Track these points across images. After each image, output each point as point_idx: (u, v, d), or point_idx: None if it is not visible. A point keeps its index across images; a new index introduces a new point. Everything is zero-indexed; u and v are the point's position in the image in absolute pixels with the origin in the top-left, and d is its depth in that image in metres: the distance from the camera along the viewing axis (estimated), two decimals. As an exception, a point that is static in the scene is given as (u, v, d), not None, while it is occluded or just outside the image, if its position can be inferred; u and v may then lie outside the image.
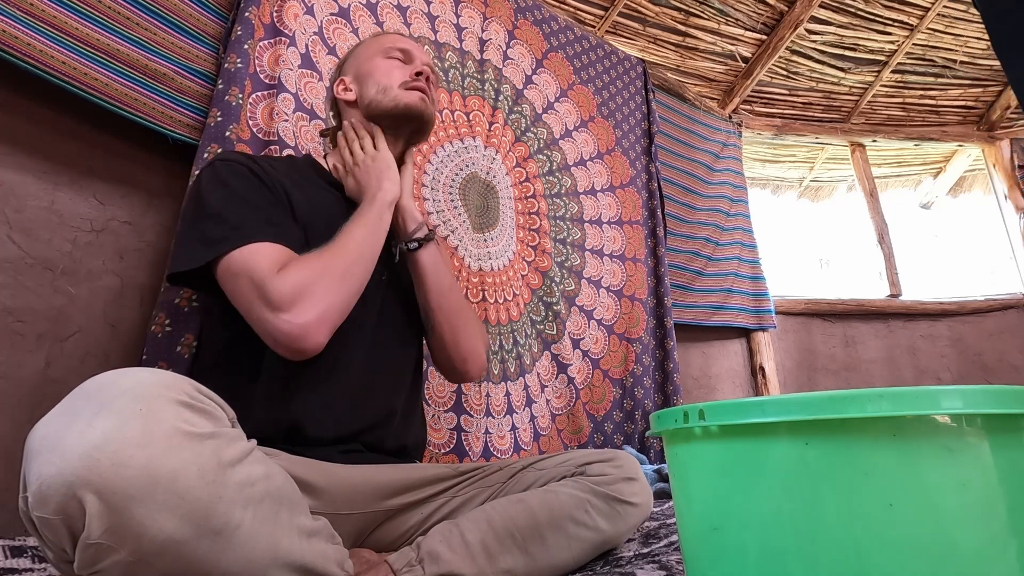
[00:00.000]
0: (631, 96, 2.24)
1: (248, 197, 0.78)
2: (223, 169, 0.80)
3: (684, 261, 2.29)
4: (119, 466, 0.44)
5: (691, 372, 2.28)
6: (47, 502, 0.44)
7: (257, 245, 0.73)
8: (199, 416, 0.51)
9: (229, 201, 0.77)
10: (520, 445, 1.51)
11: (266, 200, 0.80)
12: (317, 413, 0.78)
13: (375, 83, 0.96)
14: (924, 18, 2.83)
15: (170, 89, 1.13)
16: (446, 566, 0.65)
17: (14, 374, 0.95)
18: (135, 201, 1.14)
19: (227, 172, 0.80)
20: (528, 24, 1.95)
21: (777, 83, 2.92)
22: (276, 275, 0.71)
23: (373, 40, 1.03)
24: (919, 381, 2.74)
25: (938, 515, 0.34)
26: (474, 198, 1.63)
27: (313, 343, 0.71)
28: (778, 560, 0.38)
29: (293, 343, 0.70)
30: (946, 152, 3.38)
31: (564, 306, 1.76)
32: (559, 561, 0.74)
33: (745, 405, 0.40)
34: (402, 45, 1.00)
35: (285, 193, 0.84)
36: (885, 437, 0.36)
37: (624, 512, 0.80)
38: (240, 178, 0.80)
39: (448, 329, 0.94)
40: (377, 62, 0.97)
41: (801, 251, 6.36)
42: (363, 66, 0.98)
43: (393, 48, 0.99)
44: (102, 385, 0.49)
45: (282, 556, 0.53)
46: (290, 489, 0.58)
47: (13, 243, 0.98)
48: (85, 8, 1.03)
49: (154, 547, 0.45)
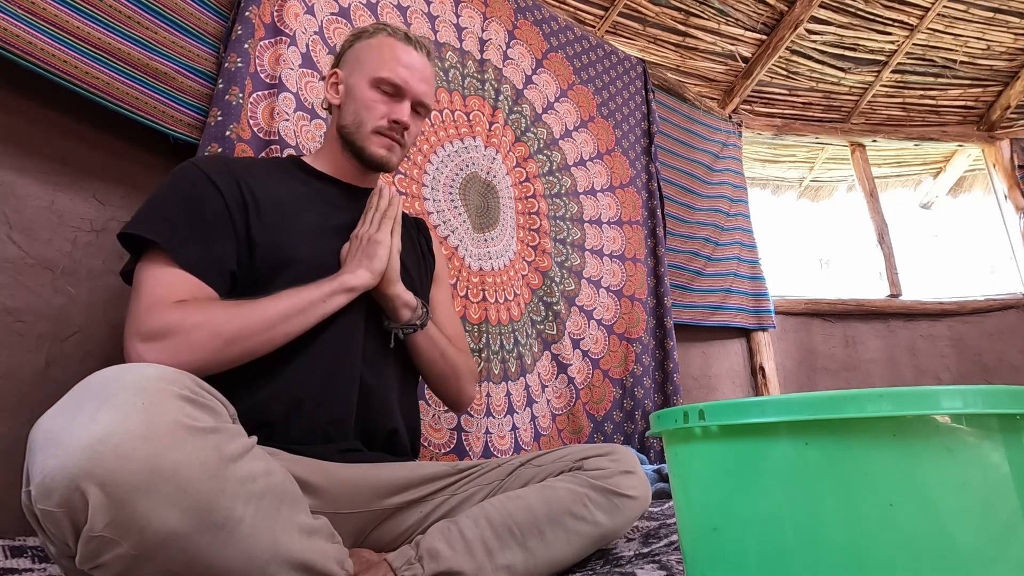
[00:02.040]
0: (631, 96, 2.24)
1: (194, 212, 0.77)
2: (189, 175, 0.81)
3: (684, 261, 2.29)
4: (122, 459, 0.44)
5: (691, 372, 2.29)
6: (50, 495, 0.44)
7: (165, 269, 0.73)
8: (201, 411, 0.51)
9: (174, 205, 0.77)
10: (521, 445, 1.51)
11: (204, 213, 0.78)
12: (288, 397, 0.78)
13: (354, 112, 0.93)
14: (924, 18, 2.83)
15: (171, 88, 1.13)
16: (445, 563, 0.66)
17: (14, 374, 0.95)
18: (135, 201, 1.13)
19: (187, 180, 0.80)
20: (528, 24, 1.95)
21: (777, 83, 2.92)
22: (165, 306, 0.70)
23: (377, 47, 0.94)
24: (919, 381, 2.74)
25: (938, 515, 0.34)
26: (474, 198, 1.63)
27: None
28: (778, 560, 0.38)
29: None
30: (946, 152, 3.38)
31: (564, 306, 1.76)
32: (558, 556, 0.74)
33: (745, 405, 0.40)
34: (400, 76, 0.92)
35: (251, 195, 0.83)
36: (885, 437, 0.36)
37: (622, 505, 0.80)
38: (196, 190, 0.79)
39: (441, 385, 1.00)
40: (364, 90, 0.92)
41: (801, 251, 6.37)
42: (353, 78, 0.94)
43: (391, 77, 0.92)
44: (105, 379, 0.50)
45: (282, 553, 0.53)
46: (291, 487, 0.58)
47: (13, 243, 0.98)
48: (87, 7, 1.03)
49: (156, 540, 0.45)
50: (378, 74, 0.92)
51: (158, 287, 0.71)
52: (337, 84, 0.96)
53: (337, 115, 0.96)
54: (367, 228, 0.88)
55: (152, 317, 0.69)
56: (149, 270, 0.73)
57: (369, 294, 0.87)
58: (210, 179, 0.80)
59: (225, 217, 0.79)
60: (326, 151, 0.98)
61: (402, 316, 0.90)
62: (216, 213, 0.79)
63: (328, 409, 0.80)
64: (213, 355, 0.70)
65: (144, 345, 0.68)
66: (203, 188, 0.79)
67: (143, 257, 0.75)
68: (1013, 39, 2.96)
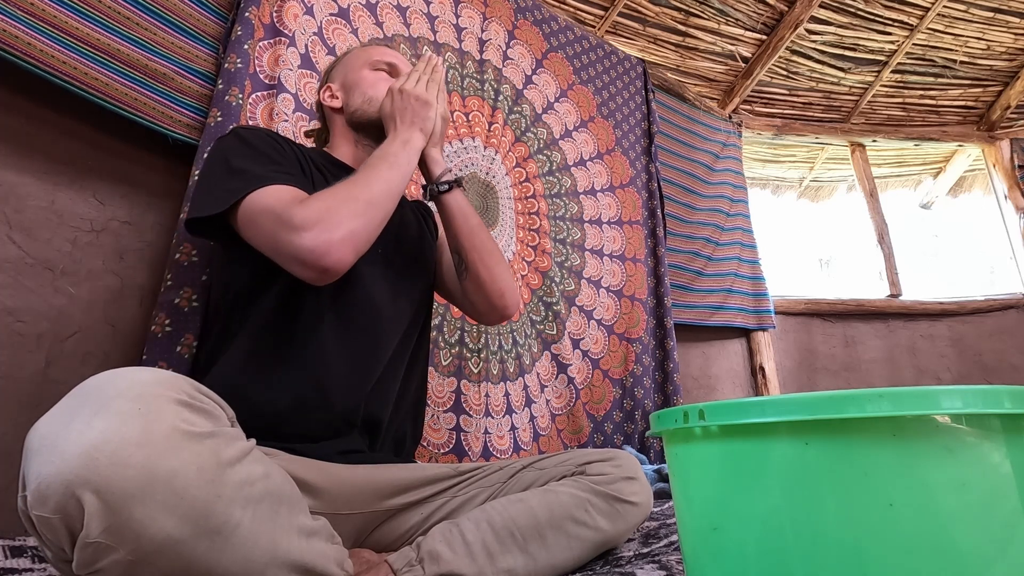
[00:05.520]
0: (631, 96, 2.24)
1: (268, 154, 0.81)
2: (244, 132, 0.84)
3: (684, 261, 2.29)
4: (118, 465, 0.44)
5: (691, 372, 2.28)
6: (46, 501, 0.44)
7: (276, 187, 0.75)
8: (198, 415, 0.51)
9: (249, 158, 0.79)
10: (520, 445, 1.51)
11: (285, 159, 0.83)
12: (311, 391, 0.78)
13: (361, 93, 0.98)
14: (924, 18, 2.83)
15: (170, 89, 1.13)
16: (446, 566, 0.65)
17: (14, 374, 0.95)
18: (135, 201, 1.14)
19: (248, 135, 0.83)
20: (528, 24, 1.95)
21: (777, 83, 2.92)
22: (299, 203, 0.72)
23: (361, 51, 1.05)
24: (919, 381, 2.74)
25: (938, 515, 0.34)
26: (474, 198, 1.63)
27: (337, 259, 0.71)
28: (778, 560, 0.38)
29: (318, 260, 0.70)
30: (946, 152, 3.38)
31: (564, 306, 1.76)
32: (559, 560, 0.74)
33: (745, 405, 0.40)
34: (389, 59, 1.02)
35: (300, 167, 0.86)
36: (885, 437, 0.36)
37: (624, 511, 0.80)
38: (260, 140, 0.83)
39: (483, 267, 0.95)
40: (364, 74, 0.99)
41: (801, 251, 6.37)
42: (350, 75, 1.00)
43: (380, 61, 1.01)
44: (101, 384, 0.49)
45: (281, 555, 0.53)
46: (289, 488, 0.58)
47: (13, 243, 0.98)
48: (86, 8, 1.03)
49: (153, 546, 0.45)
50: (372, 59, 1.01)
51: (280, 196, 0.73)
52: (333, 93, 1.01)
53: (342, 115, 1.00)
54: (413, 85, 0.90)
55: (292, 213, 0.70)
56: (260, 196, 0.74)
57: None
58: (273, 137, 0.85)
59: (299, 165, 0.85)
60: (342, 147, 1.00)
61: (435, 172, 0.93)
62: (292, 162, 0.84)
63: (345, 400, 0.81)
64: (364, 221, 0.74)
65: (311, 233, 0.69)
66: (272, 142, 0.84)
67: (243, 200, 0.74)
68: (1013, 39, 2.96)
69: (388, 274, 0.91)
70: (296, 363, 0.78)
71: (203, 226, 0.79)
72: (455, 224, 0.93)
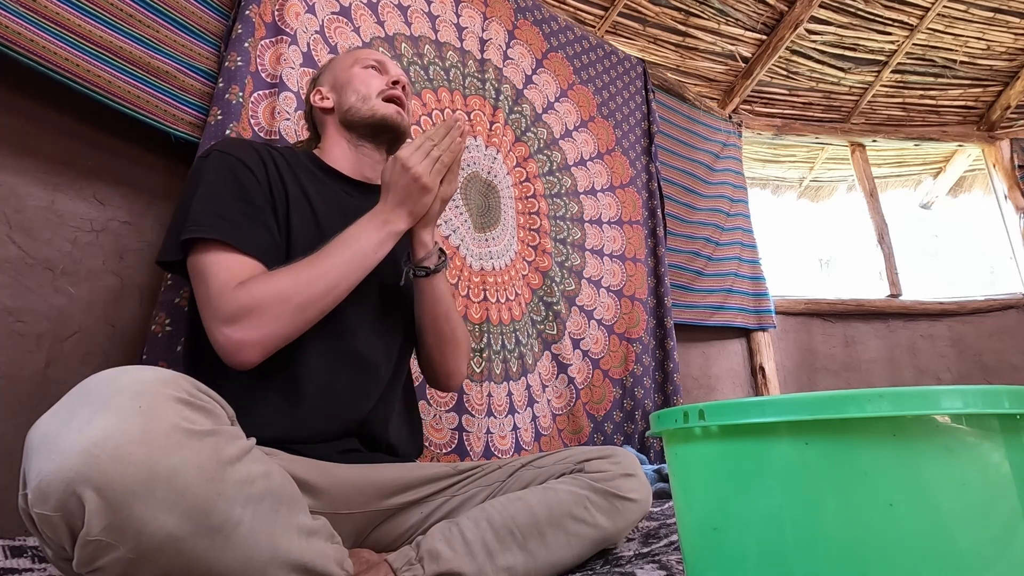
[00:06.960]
0: (631, 96, 2.24)
1: (236, 190, 0.79)
2: (217, 161, 0.81)
3: (684, 261, 2.29)
4: (119, 463, 0.44)
5: (691, 372, 2.28)
6: (47, 499, 0.44)
7: (223, 255, 0.74)
8: (198, 413, 0.51)
9: (215, 196, 0.78)
10: (521, 445, 1.51)
11: (257, 192, 0.81)
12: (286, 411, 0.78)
13: (354, 91, 0.98)
14: (924, 18, 2.83)
15: (172, 86, 1.13)
16: (446, 564, 0.66)
17: (14, 374, 0.95)
18: (135, 201, 1.14)
19: (219, 165, 0.81)
20: (528, 24, 1.95)
21: (777, 83, 2.92)
22: (231, 290, 0.71)
23: (348, 54, 1.06)
24: (919, 381, 2.74)
25: (938, 515, 0.34)
26: (475, 198, 1.63)
27: (244, 360, 0.71)
28: (778, 560, 0.38)
29: (227, 355, 0.71)
30: (946, 152, 3.38)
31: (564, 306, 1.76)
32: (559, 558, 0.74)
33: (745, 405, 0.40)
34: (377, 58, 1.03)
35: (282, 185, 0.85)
36: (885, 437, 0.36)
37: (623, 508, 0.80)
38: (235, 168, 0.81)
39: (437, 352, 0.96)
40: (355, 71, 1.00)
41: (801, 251, 6.37)
42: (340, 75, 1.00)
43: (369, 60, 1.02)
44: (101, 383, 0.49)
45: (281, 554, 0.53)
46: (289, 488, 0.58)
47: (13, 243, 0.98)
48: (88, 4, 1.03)
49: (153, 544, 0.45)
50: (360, 58, 1.02)
51: (221, 272, 0.73)
52: (324, 94, 1.01)
53: (334, 116, 0.99)
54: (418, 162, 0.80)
55: (225, 301, 0.71)
56: (209, 258, 0.74)
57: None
58: (245, 164, 0.82)
59: (268, 199, 0.83)
60: (334, 150, 0.99)
61: (418, 254, 0.88)
62: (262, 197, 0.82)
63: (344, 402, 0.81)
64: (289, 326, 0.73)
65: (228, 328, 0.70)
66: (243, 174, 0.81)
67: (196, 248, 0.75)
68: (1013, 39, 2.96)
69: (372, 309, 0.90)
70: (290, 396, 0.78)
71: (167, 267, 0.83)
72: (423, 307, 0.92)
